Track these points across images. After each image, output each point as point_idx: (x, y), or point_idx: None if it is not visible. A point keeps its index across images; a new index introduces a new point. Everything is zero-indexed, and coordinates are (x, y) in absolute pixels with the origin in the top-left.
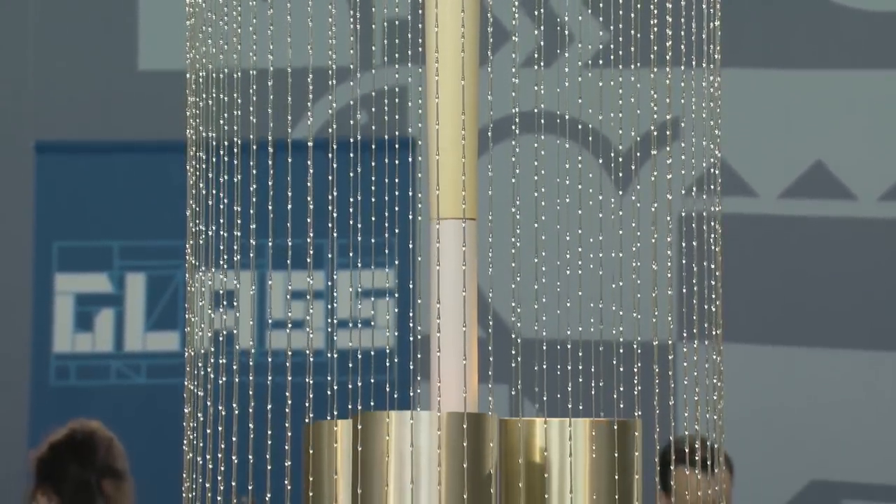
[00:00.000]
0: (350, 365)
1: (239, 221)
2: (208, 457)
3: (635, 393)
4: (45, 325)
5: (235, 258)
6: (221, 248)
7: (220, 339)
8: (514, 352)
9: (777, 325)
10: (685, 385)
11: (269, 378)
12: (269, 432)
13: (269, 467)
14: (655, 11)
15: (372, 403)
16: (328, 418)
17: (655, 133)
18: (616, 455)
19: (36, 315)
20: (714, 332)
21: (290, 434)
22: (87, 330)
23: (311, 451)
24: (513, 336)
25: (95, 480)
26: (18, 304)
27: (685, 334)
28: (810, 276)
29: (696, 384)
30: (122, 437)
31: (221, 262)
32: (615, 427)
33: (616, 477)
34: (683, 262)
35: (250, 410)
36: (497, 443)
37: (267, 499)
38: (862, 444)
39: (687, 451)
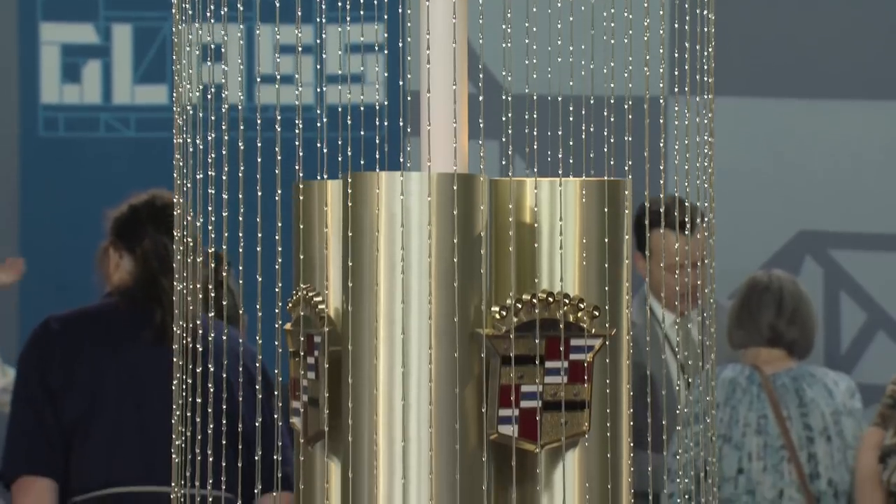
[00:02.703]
0: (339, 122)
1: None
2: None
3: (626, 145)
4: (32, 75)
5: (223, 10)
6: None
7: (209, 92)
8: (504, 95)
9: (768, 76)
10: (675, 141)
11: (259, 125)
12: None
13: (259, 222)
14: None
15: (362, 161)
16: (318, 177)
17: None
18: (606, 212)
19: (22, 64)
20: (706, 95)
21: (280, 190)
22: (75, 81)
23: (301, 205)
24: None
25: (168, 246)
26: (4, 53)
27: (676, 88)
28: (803, 26)
29: (686, 138)
30: (113, 191)
31: (209, 15)
32: (605, 186)
33: (606, 239)
34: (676, 19)
35: (240, 164)
36: (487, 203)
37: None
38: (850, 195)
39: (673, 211)
